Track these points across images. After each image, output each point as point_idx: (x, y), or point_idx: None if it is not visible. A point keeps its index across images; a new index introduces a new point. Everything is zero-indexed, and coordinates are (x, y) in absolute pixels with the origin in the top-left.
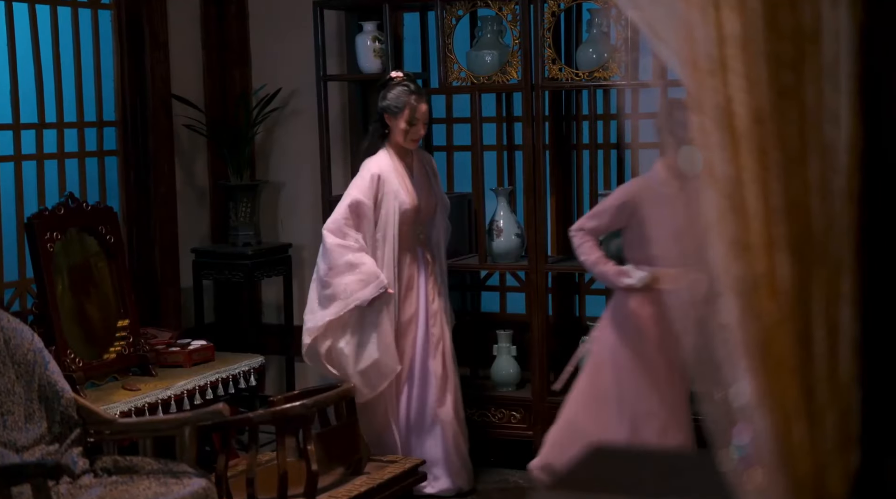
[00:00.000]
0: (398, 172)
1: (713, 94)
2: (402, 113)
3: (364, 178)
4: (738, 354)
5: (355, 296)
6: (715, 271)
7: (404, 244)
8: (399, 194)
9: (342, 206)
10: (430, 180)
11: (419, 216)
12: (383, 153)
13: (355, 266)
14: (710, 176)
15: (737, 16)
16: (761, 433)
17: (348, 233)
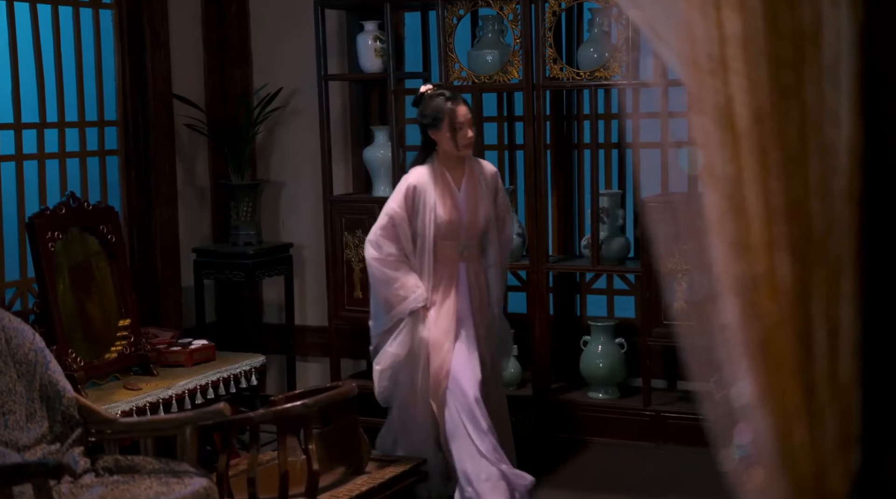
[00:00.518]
0: (440, 184)
1: (714, 93)
2: (443, 122)
3: (399, 189)
4: (739, 354)
5: (395, 310)
6: (715, 271)
7: (441, 259)
8: (436, 207)
9: (380, 217)
10: (482, 195)
11: (458, 231)
12: (426, 165)
13: (392, 280)
14: (710, 176)
15: (737, 16)
16: (762, 433)
17: (383, 245)
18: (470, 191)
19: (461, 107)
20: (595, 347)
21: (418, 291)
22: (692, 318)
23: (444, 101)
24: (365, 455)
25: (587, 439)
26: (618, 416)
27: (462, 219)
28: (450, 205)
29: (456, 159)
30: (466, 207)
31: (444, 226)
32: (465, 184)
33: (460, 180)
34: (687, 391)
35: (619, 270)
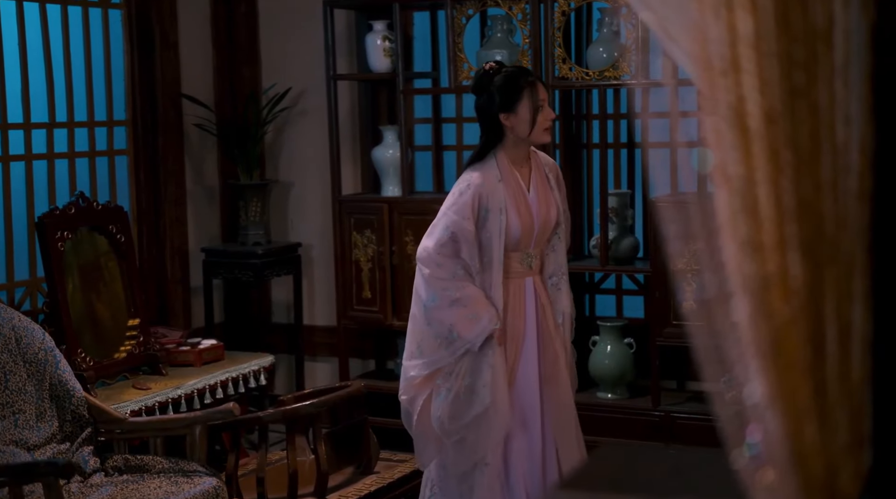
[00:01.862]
0: (509, 183)
1: (726, 94)
2: (520, 102)
3: (461, 195)
4: (750, 353)
5: (464, 338)
6: (727, 271)
7: (509, 276)
8: (507, 211)
9: (437, 229)
10: (550, 192)
11: (530, 240)
12: (490, 161)
13: (459, 301)
14: (722, 176)
15: (749, 16)
16: (772, 433)
17: (445, 264)
18: (540, 190)
19: (538, 83)
20: (604, 348)
21: (492, 311)
22: (702, 317)
23: (520, 76)
24: (374, 455)
25: (596, 439)
26: (627, 416)
27: (535, 224)
28: (523, 209)
29: (523, 152)
30: (538, 209)
31: (516, 235)
32: (533, 181)
33: (528, 178)
34: (696, 392)
35: (628, 270)
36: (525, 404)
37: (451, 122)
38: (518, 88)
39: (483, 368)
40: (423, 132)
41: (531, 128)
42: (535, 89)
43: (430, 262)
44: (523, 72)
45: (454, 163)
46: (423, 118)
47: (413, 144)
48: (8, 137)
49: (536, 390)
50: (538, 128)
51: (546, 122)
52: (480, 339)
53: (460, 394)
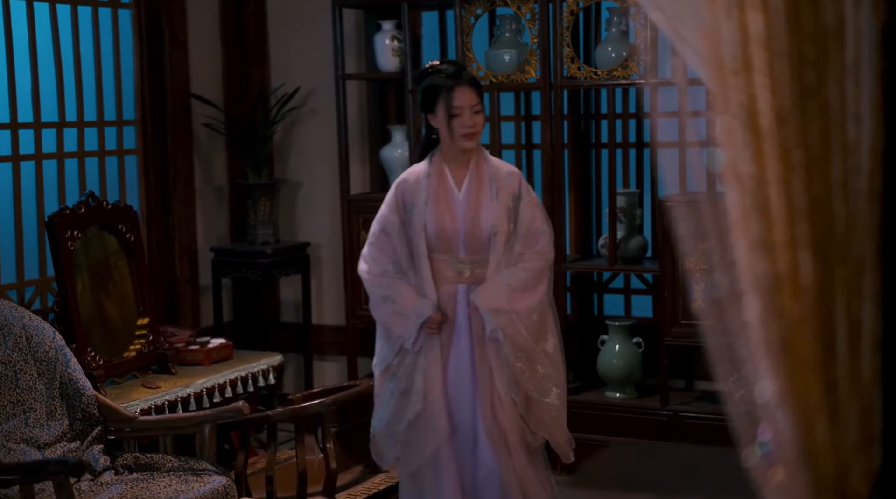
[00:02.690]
0: (436, 182)
1: (737, 93)
2: (438, 104)
3: (392, 189)
4: (760, 352)
5: (395, 333)
6: (738, 270)
7: (440, 279)
8: (427, 211)
9: (372, 226)
10: (489, 199)
11: (454, 243)
12: (426, 160)
13: (389, 298)
14: (733, 175)
15: (760, 16)
16: (783, 431)
17: (377, 259)
18: (474, 194)
19: (463, 87)
20: (612, 347)
21: (421, 304)
22: (713, 316)
23: (441, 79)
24: None
25: (604, 438)
26: (635, 416)
27: (460, 227)
28: (444, 208)
29: (460, 155)
30: (466, 212)
31: (435, 235)
32: (468, 184)
33: (462, 179)
34: (705, 391)
35: (636, 270)
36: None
37: None
38: (434, 91)
39: (416, 373)
40: None
41: (450, 132)
42: (451, 94)
43: (365, 258)
44: (450, 75)
45: None
46: None
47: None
48: (18, 136)
49: (469, 404)
50: (454, 134)
51: (463, 128)
52: (411, 333)
53: (399, 396)
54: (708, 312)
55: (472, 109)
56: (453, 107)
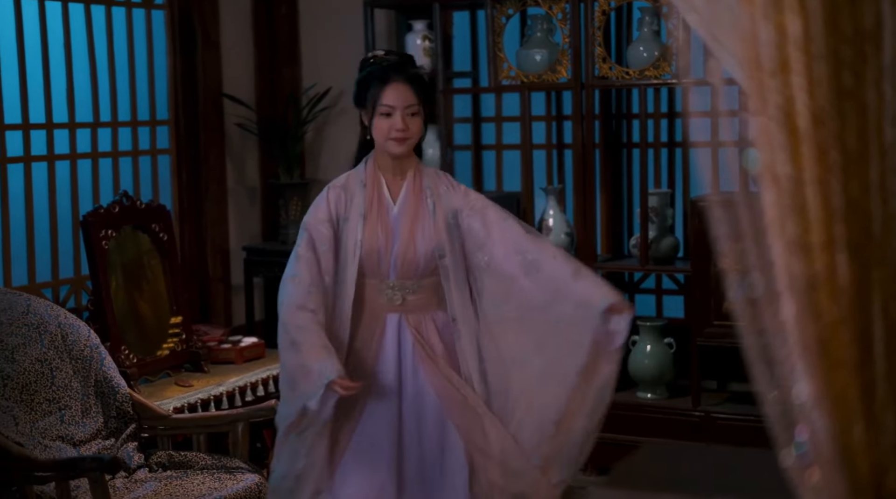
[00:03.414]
0: (370, 194)
1: (775, 95)
2: (368, 100)
3: (321, 196)
4: (797, 353)
5: (300, 390)
6: (774, 270)
7: (369, 310)
8: (360, 228)
9: (300, 234)
10: (427, 217)
11: (385, 266)
12: (361, 166)
13: (295, 344)
14: (770, 176)
15: (798, 18)
16: (819, 433)
17: (300, 276)
18: (410, 211)
19: (398, 84)
20: (644, 347)
21: (328, 361)
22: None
23: (376, 71)
24: None
25: (635, 439)
26: (666, 416)
27: (391, 248)
28: (377, 225)
29: (394, 163)
30: (401, 232)
31: (366, 256)
32: (404, 198)
33: (398, 192)
34: (737, 392)
35: (668, 270)
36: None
37: (491, 122)
38: (366, 85)
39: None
40: (463, 132)
41: (379, 134)
42: (383, 91)
43: (288, 279)
44: (387, 67)
45: (493, 162)
46: (463, 118)
47: (452, 143)
48: (53, 136)
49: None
50: (382, 136)
51: (391, 131)
52: (315, 392)
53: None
54: (744, 312)
55: (407, 111)
56: (381, 104)
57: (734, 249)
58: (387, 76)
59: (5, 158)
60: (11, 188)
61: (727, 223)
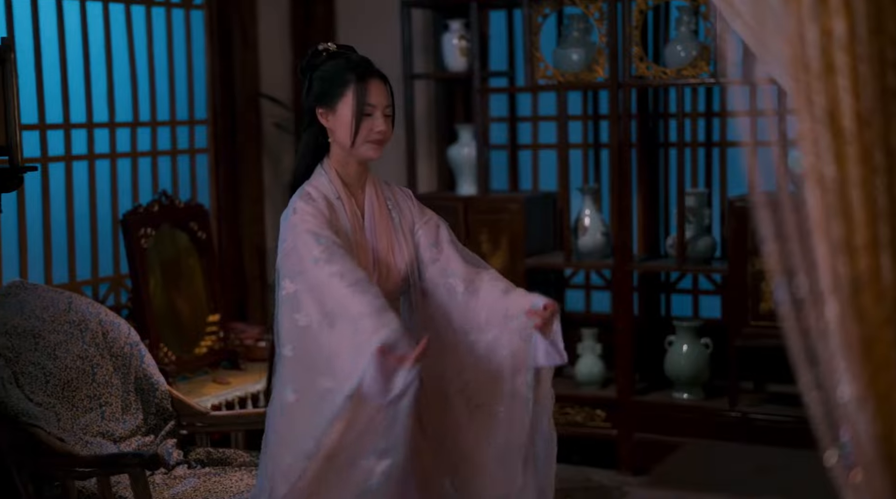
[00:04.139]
0: (347, 210)
1: (819, 96)
2: (344, 97)
3: (304, 207)
4: (841, 355)
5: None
6: (819, 271)
7: None
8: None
9: (299, 243)
10: (395, 228)
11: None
12: (321, 175)
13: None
14: (815, 177)
15: (843, 20)
16: (862, 434)
17: (334, 257)
18: (379, 225)
19: (377, 81)
20: (680, 348)
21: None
22: (794, 318)
23: (348, 70)
24: None
25: (671, 439)
26: (703, 417)
27: (371, 268)
28: (356, 241)
29: (354, 169)
30: (379, 248)
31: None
32: (369, 212)
33: (363, 205)
34: (774, 393)
35: (704, 270)
36: None
37: (527, 121)
38: (342, 80)
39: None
40: (499, 131)
41: (353, 136)
42: (366, 88)
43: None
44: (361, 63)
45: (529, 162)
46: (499, 117)
47: (488, 142)
48: (94, 136)
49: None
50: (361, 138)
51: (373, 134)
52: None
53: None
54: (788, 313)
55: (385, 110)
56: (368, 102)
57: (779, 250)
58: (365, 72)
59: (47, 157)
60: (53, 187)
61: (772, 224)
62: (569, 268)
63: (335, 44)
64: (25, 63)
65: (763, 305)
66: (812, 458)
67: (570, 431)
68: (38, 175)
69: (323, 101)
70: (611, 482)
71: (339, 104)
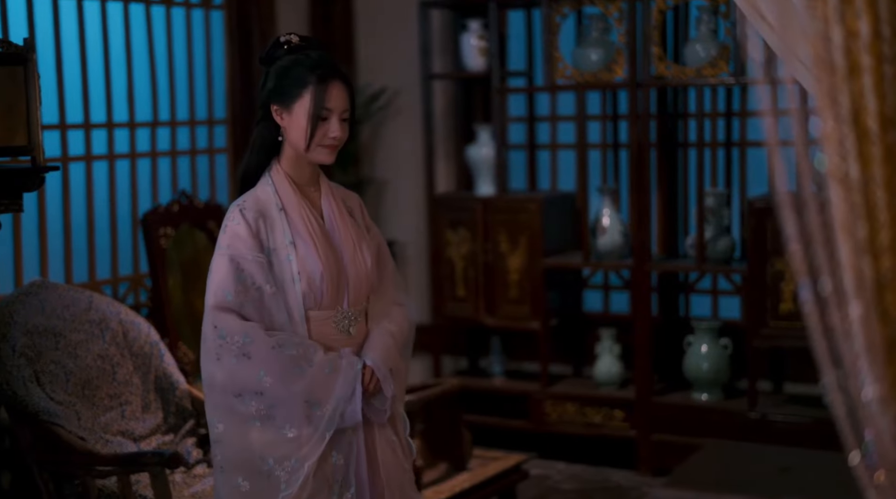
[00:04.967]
0: (295, 210)
1: (844, 97)
2: (301, 98)
3: (235, 221)
4: (864, 354)
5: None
6: (841, 272)
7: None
8: (297, 255)
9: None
10: (358, 228)
11: (342, 289)
12: (268, 179)
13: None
14: (839, 178)
15: (867, 21)
16: (885, 434)
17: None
18: (341, 222)
19: (339, 84)
20: (699, 348)
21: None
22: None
23: (308, 68)
24: (467, 452)
25: (690, 440)
26: (722, 418)
27: (345, 265)
28: (323, 244)
29: (307, 170)
30: (345, 245)
31: (316, 279)
32: (328, 209)
33: (319, 205)
34: (793, 394)
35: (724, 270)
36: None
37: (546, 121)
38: (300, 80)
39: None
40: (518, 131)
41: (307, 139)
42: (326, 90)
43: (209, 334)
44: (322, 63)
45: (548, 162)
46: (518, 117)
47: (507, 142)
48: (114, 135)
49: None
50: (315, 142)
51: (327, 138)
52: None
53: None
54: (812, 313)
55: (342, 115)
56: (325, 105)
57: (803, 251)
58: (327, 74)
59: (67, 157)
60: (73, 187)
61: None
62: (587, 268)
63: (298, 35)
64: (46, 63)
65: (783, 306)
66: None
67: (589, 431)
68: (58, 175)
69: (279, 98)
70: (629, 483)
71: (296, 105)
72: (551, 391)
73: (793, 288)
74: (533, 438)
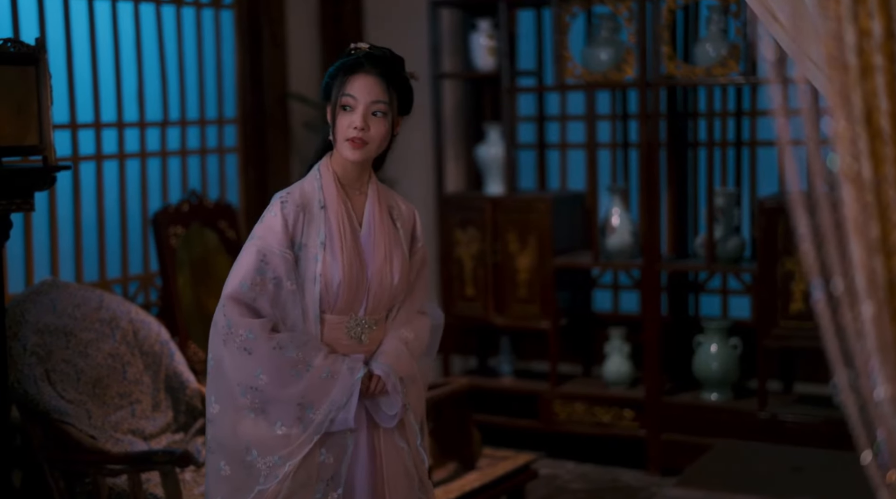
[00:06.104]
0: (334, 211)
1: (857, 97)
2: (332, 90)
3: (275, 214)
4: (877, 354)
5: (322, 408)
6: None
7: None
8: (323, 256)
9: (247, 258)
10: (395, 239)
11: (360, 297)
12: (313, 174)
13: (306, 362)
14: (851, 177)
15: (879, 21)
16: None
17: (260, 308)
18: (378, 231)
19: (367, 75)
20: (708, 348)
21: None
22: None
23: (341, 67)
24: (476, 451)
25: (700, 440)
26: (732, 418)
27: (367, 275)
28: (350, 251)
29: (352, 170)
30: (374, 256)
31: (334, 286)
32: (370, 216)
33: (362, 210)
34: (803, 394)
35: (734, 270)
36: None
37: (555, 121)
38: (335, 74)
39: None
40: (527, 130)
41: (337, 134)
42: (348, 81)
43: (241, 302)
44: (363, 57)
45: (557, 161)
46: (527, 116)
47: (516, 141)
48: (124, 135)
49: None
50: (340, 135)
51: (347, 129)
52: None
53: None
54: (824, 313)
55: (371, 107)
56: (344, 94)
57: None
58: (357, 65)
59: (78, 156)
60: (83, 186)
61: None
62: (597, 267)
63: (369, 44)
64: (57, 63)
65: (793, 306)
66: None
67: (598, 430)
68: (69, 174)
69: (324, 95)
70: (638, 483)
71: (333, 99)
72: (560, 391)
73: (803, 288)
74: (542, 437)
